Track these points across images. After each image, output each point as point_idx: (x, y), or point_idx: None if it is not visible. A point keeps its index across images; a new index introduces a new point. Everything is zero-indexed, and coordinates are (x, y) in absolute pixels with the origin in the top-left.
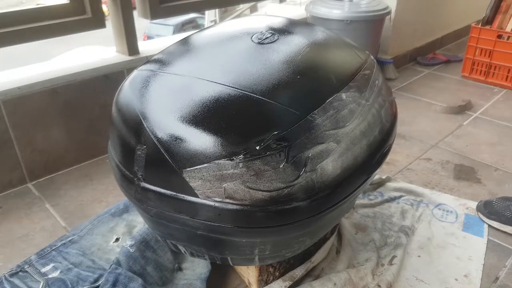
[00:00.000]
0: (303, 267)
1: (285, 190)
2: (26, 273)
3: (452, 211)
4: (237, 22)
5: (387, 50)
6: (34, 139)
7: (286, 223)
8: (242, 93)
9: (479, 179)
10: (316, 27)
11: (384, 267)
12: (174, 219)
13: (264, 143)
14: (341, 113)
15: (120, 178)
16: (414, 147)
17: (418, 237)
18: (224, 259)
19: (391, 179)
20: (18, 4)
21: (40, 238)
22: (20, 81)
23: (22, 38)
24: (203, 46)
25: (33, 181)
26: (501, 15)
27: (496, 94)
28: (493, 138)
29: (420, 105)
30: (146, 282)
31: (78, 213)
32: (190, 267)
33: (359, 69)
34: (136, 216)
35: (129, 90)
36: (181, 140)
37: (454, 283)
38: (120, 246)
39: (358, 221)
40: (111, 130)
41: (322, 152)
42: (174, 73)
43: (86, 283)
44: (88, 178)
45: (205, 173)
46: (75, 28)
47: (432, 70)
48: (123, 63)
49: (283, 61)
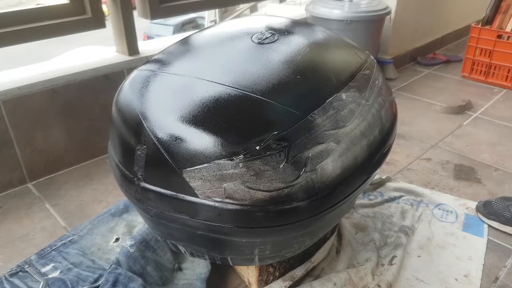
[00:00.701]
0: (303, 267)
1: (285, 190)
2: (26, 273)
3: (452, 211)
4: (237, 22)
5: (387, 50)
6: (34, 139)
7: (286, 223)
8: (242, 93)
9: (479, 179)
10: (316, 27)
11: (384, 267)
12: (174, 219)
13: (264, 143)
14: (341, 113)
15: (120, 178)
16: (414, 147)
17: (418, 237)
18: (224, 259)
19: (391, 179)
20: (18, 4)
21: (40, 238)
22: (20, 81)
23: (22, 38)
24: (203, 46)
25: (33, 181)
26: (501, 15)
27: (496, 94)
28: (493, 138)
29: (420, 105)
30: (146, 282)
31: (78, 213)
32: (190, 267)
33: (359, 69)
34: (136, 216)
35: (129, 90)
36: (181, 140)
37: (454, 283)
38: (120, 246)
39: (358, 221)
40: (111, 130)
41: (322, 152)
42: (174, 73)
43: (86, 283)
44: (88, 178)
45: (205, 173)
46: (75, 28)
47: (432, 70)
48: (123, 63)
49: (283, 61)
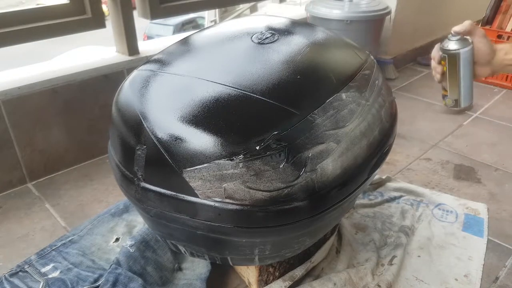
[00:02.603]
0: (303, 267)
1: (285, 190)
2: (26, 273)
3: (452, 211)
4: (237, 22)
5: (387, 50)
6: (34, 139)
7: (286, 223)
8: (242, 93)
9: (479, 179)
10: (316, 27)
11: (384, 267)
12: (174, 219)
13: (264, 143)
14: (341, 113)
15: (120, 178)
16: (414, 147)
17: (418, 237)
18: (224, 259)
19: (391, 179)
20: (18, 4)
21: (40, 238)
22: (20, 81)
23: (22, 38)
24: (203, 46)
25: (33, 181)
26: (501, 15)
27: (496, 94)
28: (493, 138)
29: (420, 105)
30: (146, 282)
31: (78, 213)
32: (190, 267)
33: (359, 69)
34: (136, 216)
35: (129, 90)
36: (181, 140)
37: (454, 283)
38: (120, 246)
39: (358, 221)
40: (111, 130)
41: (322, 152)
42: (174, 73)
43: (86, 283)
44: (88, 178)
45: (205, 173)
46: (75, 28)
47: None
48: (123, 63)
49: (283, 61)
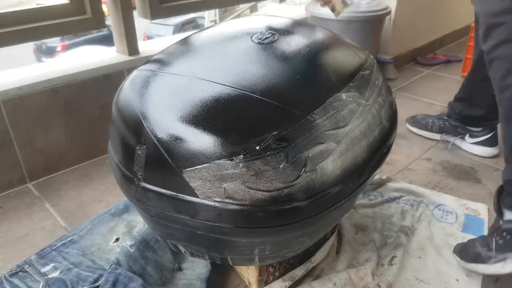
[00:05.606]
0: (303, 267)
1: (285, 190)
2: (26, 273)
3: (452, 211)
4: (237, 22)
5: (387, 50)
6: (34, 139)
7: (286, 223)
8: (242, 93)
9: (479, 179)
10: (316, 27)
11: (384, 267)
12: (174, 219)
13: (264, 143)
14: (341, 113)
15: (120, 178)
16: (414, 147)
17: (418, 238)
18: (224, 259)
19: (391, 179)
20: (18, 4)
21: (40, 238)
22: (20, 81)
23: (22, 38)
24: (203, 46)
25: (33, 181)
26: None
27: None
28: None
29: (420, 105)
30: (146, 282)
31: (78, 213)
32: (190, 267)
33: (359, 69)
34: (136, 216)
35: (129, 90)
36: (181, 140)
37: (455, 284)
38: (120, 246)
39: (358, 221)
40: (111, 130)
41: (322, 152)
42: (174, 73)
43: (86, 283)
44: (88, 178)
45: (205, 173)
46: (75, 28)
47: (432, 70)
48: (123, 63)
49: (283, 61)
